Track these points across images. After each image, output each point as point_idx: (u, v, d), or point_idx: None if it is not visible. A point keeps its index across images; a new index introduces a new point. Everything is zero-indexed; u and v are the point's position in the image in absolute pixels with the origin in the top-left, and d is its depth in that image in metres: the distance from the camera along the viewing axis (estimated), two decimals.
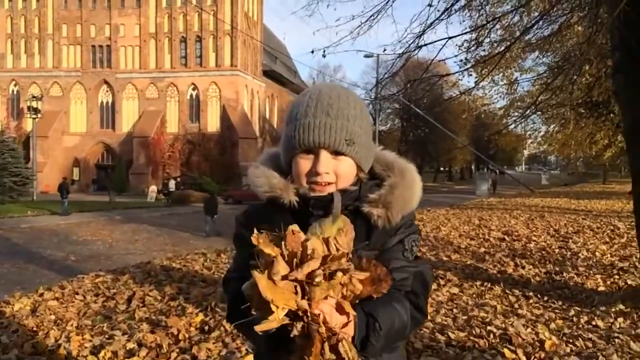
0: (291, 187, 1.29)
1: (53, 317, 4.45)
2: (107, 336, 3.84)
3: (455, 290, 5.66)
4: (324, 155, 1.26)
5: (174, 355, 3.49)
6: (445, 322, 4.23)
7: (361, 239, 1.23)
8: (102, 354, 3.44)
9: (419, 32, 6.34)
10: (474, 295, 5.46)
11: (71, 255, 12.40)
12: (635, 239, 7.01)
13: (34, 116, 36.81)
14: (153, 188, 38.07)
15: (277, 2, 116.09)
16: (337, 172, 1.28)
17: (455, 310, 4.73)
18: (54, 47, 49.90)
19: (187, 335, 3.81)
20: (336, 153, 1.27)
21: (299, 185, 1.29)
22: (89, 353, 3.51)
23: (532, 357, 3.53)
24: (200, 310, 4.54)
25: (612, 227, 11.67)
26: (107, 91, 50.59)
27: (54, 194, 43.91)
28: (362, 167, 1.32)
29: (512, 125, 17.40)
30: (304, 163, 1.28)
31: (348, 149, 1.27)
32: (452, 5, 6.30)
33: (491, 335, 3.89)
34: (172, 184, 38.35)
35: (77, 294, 5.29)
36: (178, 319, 4.10)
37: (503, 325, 4.13)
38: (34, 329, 4.13)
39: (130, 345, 3.60)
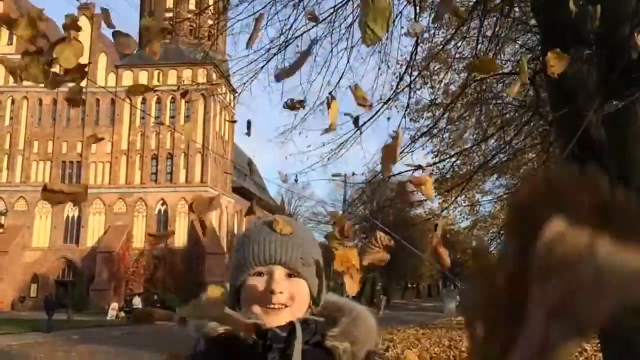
0: (245, 318, 1.15)
1: None
2: None
3: None
4: (279, 273, 1.18)
5: None
6: None
7: None
8: None
9: None
10: None
11: None
12: None
13: None
14: (114, 305, 36.80)
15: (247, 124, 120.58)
16: (291, 294, 1.19)
17: None
18: (23, 162, 50.08)
19: None
20: (290, 275, 1.20)
21: (250, 314, 1.17)
22: None
23: None
24: None
25: (580, 350, 11.72)
26: (73, 206, 50.23)
27: (8, 311, 41.89)
28: (315, 298, 1.24)
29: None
30: (256, 284, 1.19)
31: (303, 270, 1.20)
32: (417, 138, 6.81)
33: None
34: (136, 301, 37.18)
35: None
36: None
37: None
38: None
39: None
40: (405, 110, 7.55)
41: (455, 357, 10.37)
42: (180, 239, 48.56)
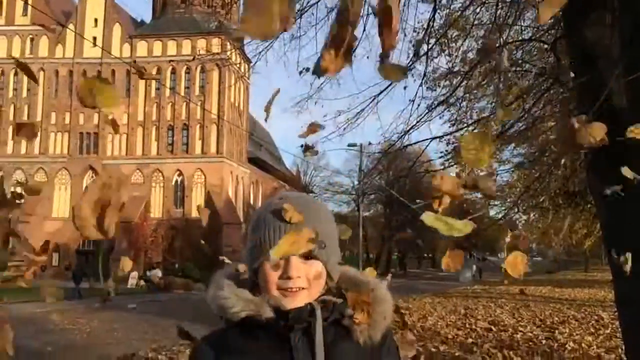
0: (265, 302, 1.21)
1: None
2: None
3: None
4: (295, 258, 1.20)
5: None
6: None
7: (341, 355, 1.21)
8: None
9: (403, 130, 6.72)
10: None
11: (48, 345, 12.01)
12: (619, 330, 7.11)
13: (18, 202, 36.61)
14: (134, 274, 37.43)
15: (263, 93, 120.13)
16: (308, 277, 1.21)
17: None
18: (41, 134, 50.56)
19: None
20: (307, 257, 1.22)
21: (269, 296, 1.21)
22: None
23: None
24: None
25: (596, 317, 11.75)
26: (92, 177, 50.83)
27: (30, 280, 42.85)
28: (332, 275, 1.26)
29: (501, 220, 17.80)
30: (274, 269, 1.22)
31: (319, 252, 1.22)
32: (434, 107, 6.72)
33: None
34: (155, 270, 37.78)
35: None
36: None
37: None
38: None
39: None
40: (423, 79, 7.44)
41: (471, 325, 10.43)
42: (197, 210, 48.99)
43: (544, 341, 8.56)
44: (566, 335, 9.15)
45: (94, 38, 49.65)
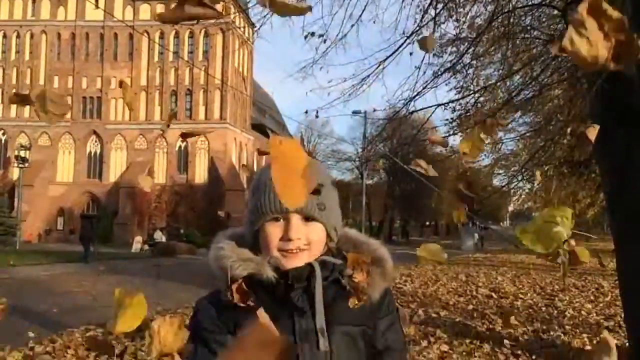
0: (266, 261, 1.23)
1: None
2: None
3: (445, 347, 5.72)
4: (296, 219, 1.22)
5: None
6: None
7: (341, 314, 1.23)
8: None
9: (409, 97, 6.65)
10: (464, 354, 5.53)
11: (54, 307, 12.17)
12: (619, 298, 7.17)
13: (22, 165, 36.72)
14: (138, 239, 37.75)
15: (267, 59, 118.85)
16: (309, 238, 1.23)
17: None
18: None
19: None
20: (307, 219, 1.23)
21: (270, 257, 1.23)
22: None
23: None
24: None
25: (596, 286, 11.84)
26: (95, 142, 50.83)
27: (36, 244, 43.34)
28: (332, 236, 1.28)
29: (503, 189, 17.79)
30: (274, 230, 1.23)
31: (320, 214, 1.23)
32: (440, 73, 6.64)
33: None
34: (158, 235, 38.06)
35: (69, 347, 5.28)
36: None
37: None
38: None
39: None
40: None
41: (472, 292, 10.54)
42: (200, 176, 49.13)
43: (543, 308, 8.64)
44: (566, 302, 9.24)
45: (96, 0, 49.00)
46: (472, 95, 7.95)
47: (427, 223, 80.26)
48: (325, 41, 7.17)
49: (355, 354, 1.26)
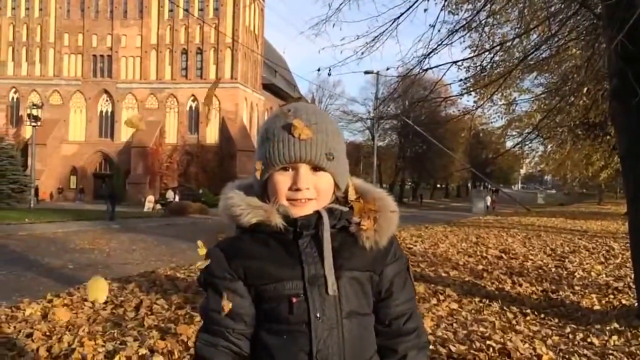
0: (275, 209, 1.23)
1: (64, 322, 4.57)
2: (119, 342, 3.96)
3: (455, 305, 5.78)
4: (304, 169, 1.23)
5: None
6: (446, 336, 4.35)
7: (349, 259, 1.25)
8: (116, 358, 3.56)
9: (423, 54, 6.53)
10: (473, 311, 5.59)
11: (69, 263, 12.41)
12: (629, 260, 7.17)
13: (34, 124, 36.87)
14: (150, 198, 38.11)
15: (278, 17, 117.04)
16: (317, 188, 1.24)
17: (455, 325, 4.85)
18: (55, 55, 50.19)
19: None
20: (315, 168, 1.24)
21: (278, 205, 1.24)
22: (103, 358, 3.63)
23: None
24: None
25: (607, 248, 11.83)
26: (106, 101, 50.84)
27: (49, 202, 43.88)
28: (340, 185, 1.28)
29: (516, 148, 17.64)
30: (283, 180, 1.24)
31: (328, 164, 1.23)
32: (455, 30, 6.50)
33: (490, 350, 4.02)
34: (170, 194, 38.37)
35: (86, 300, 5.40)
36: (187, 327, 4.21)
37: (502, 340, 4.26)
38: (47, 333, 4.24)
39: (143, 351, 3.71)
40: (445, 1, 7.17)
41: (482, 253, 10.58)
42: (211, 136, 49.15)
43: (553, 269, 8.67)
44: (576, 264, 9.25)
45: None
46: (487, 52, 7.79)
47: (438, 185, 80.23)
48: None
49: (362, 298, 1.29)
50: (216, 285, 1.27)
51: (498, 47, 7.65)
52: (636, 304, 5.53)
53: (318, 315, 1.22)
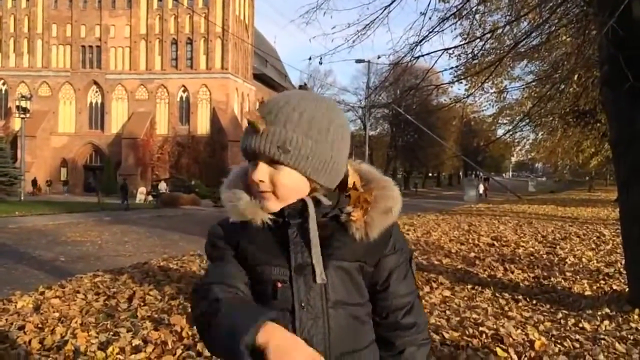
0: (258, 207, 1.24)
1: (57, 314, 4.55)
2: (112, 333, 3.95)
3: (447, 293, 5.81)
4: (260, 164, 1.21)
5: (179, 351, 3.61)
6: (439, 323, 4.38)
7: (338, 249, 1.24)
8: (109, 349, 3.55)
9: (414, 42, 6.51)
10: (466, 298, 5.62)
11: (60, 255, 12.36)
12: (620, 246, 7.23)
13: (23, 116, 36.54)
14: (142, 190, 37.99)
15: (269, 6, 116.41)
16: (274, 182, 1.21)
17: (448, 312, 4.88)
18: (43, 46, 49.67)
19: (190, 333, 3.92)
20: (273, 162, 1.20)
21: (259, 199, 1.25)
22: (96, 349, 3.62)
23: (523, 356, 3.69)
24: None
25: (598, 234, 11.91)
26: (96, 92, 50.44)
27: (39, 194, 43.59)
28: (317, 180, 1.23)
29: (507, 136, 17.67)
30: (250, 171, 1.24)
31: (283, 157, 1.19)
32: (446, 18, 6.48)
33: (483, 335, 4.05)
34: (162, 186, 38.25)
35: (78, 292, 5.38)
36: (180, 317, 4.21)
37: (494, 326, 4.29)
38: (40, 325, 4.22)
39: (136, 341, 3.71)
40: None
41: (474, 240, 10.62)
42: (202, 127, 48.93)
43: (544, 256, 8.73)
44: (567, 250, 9.31)
45: None
46: (478, 39, 7.78)
47: (430, 174, 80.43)
48: None
49: (352, 287, 1.27)
50: (218, 254, 1.30)
51: (489, 35, 7.65)
52: (627, 289, 5.59)
53: (302, 305, 1.21)
